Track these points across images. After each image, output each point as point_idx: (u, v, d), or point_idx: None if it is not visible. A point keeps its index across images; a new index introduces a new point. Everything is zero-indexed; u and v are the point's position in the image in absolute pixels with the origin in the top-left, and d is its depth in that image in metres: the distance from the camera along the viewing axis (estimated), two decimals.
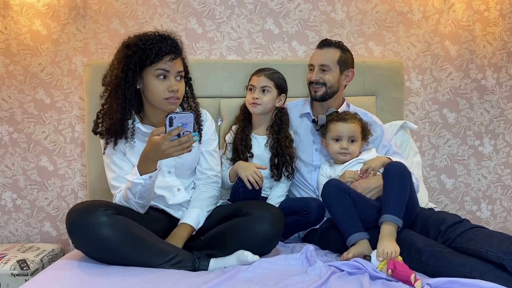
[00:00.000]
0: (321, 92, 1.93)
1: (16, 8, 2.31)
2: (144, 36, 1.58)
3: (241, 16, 2.41)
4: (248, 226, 1.56)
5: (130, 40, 1.59)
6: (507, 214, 2.60)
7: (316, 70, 1.93)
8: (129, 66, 1.56)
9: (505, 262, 1.37)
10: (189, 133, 1.45)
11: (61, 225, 2.42)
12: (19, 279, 1.98)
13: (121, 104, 1.58)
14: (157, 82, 1.57)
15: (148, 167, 1.52)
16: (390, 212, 1.56)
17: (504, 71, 2.54)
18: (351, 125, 1.83)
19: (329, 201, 1.67)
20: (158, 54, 1.55)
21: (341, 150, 1.83)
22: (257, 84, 1.91)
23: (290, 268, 1.47)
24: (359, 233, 1.59)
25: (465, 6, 2.48)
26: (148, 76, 1.58)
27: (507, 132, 2.56)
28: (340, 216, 1.64)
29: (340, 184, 1.68)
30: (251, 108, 1.92)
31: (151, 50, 1.55)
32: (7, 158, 2.38)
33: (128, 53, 1.56)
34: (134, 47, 1.56)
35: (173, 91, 1.58)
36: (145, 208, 1.65)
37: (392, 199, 1.60)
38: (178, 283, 1.33)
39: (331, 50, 1.93)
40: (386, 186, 1.63)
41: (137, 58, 1.55)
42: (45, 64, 2.35)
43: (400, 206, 1.59)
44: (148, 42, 1.55)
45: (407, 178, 1.64)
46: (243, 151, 1.89)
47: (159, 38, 1.58)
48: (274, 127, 1.93)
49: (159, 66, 1.56)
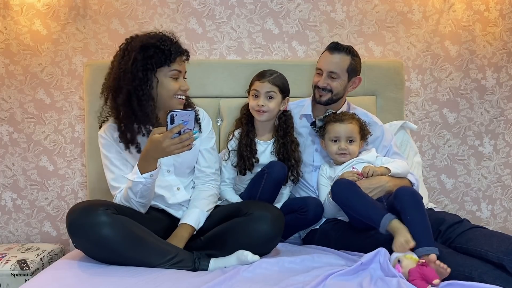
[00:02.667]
0: (326, 98, 1.91)
1: (16, 8, 2.31)
2: (159, 37, 1.60)
3: (241, 16, 2.41)
4: (248, 226, 1.57)
5: (145, 41, 1.58)
6: (507, 214, 2.60)
7: (325, 76, 1.88)
8: (147, 67, 1.56)
9: (505, 262, 1.37)
10: (189, 131, 1.46)
11: (61, 225, 2.42)
12: (19, 279, 1.98)
13: (146, 105, 1.57)
14: (171, 82, 1.61)
15: (149, 166, 1.52)
16: (425, 244, 1.47)
17: (504, 71, 2.54)
18: (349, 125, 1.83)
19: (344, 195, 1.66)
20: (175, 55, 1.59)
21: (339, 150, 1.82)
22: (262, 90, 1.85)
23: (291, 268, 1.47)
24: (389, 214, 1.55)
25: (465, 6, 2.48)
26: (162, 76, 1.60)
27: (507, 132, 2.56)
28: (361, 206, 1.61)
29: (348, 180, 1.69)
30: (257, 115, 1.86)
31: (169, 51, 1.58)
32: (7, 158, 2.38)
33: (147, 53, 1.56)
34: (153, 47, 1.57)
35: (185, 90, 1.65)
36: (146, 208, 1.65)
37: (421, 230, 1.50)
38: (178, 283, 1.33)
39: (341, 56, 1.88)
40: (408, 217, 1.54)
41: (156, 58, 1.57)
42: (45, 64, 2.35)
43: (430, 234, 1.51)
44: (165, 43, 1.58)
45: (422, 202, 1.58)
46: (249, 157, 1.85)
47: (171, 39, 1.62)
48: (279, 131, 1.90)
49: (175, 66, 1.61)
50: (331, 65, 1.88)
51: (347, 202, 1.66)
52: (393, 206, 1.61)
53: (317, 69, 1.94)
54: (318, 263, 1.50)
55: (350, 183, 1.67)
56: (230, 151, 1.90)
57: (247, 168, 1.85)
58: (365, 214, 1.61)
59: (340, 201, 1.68)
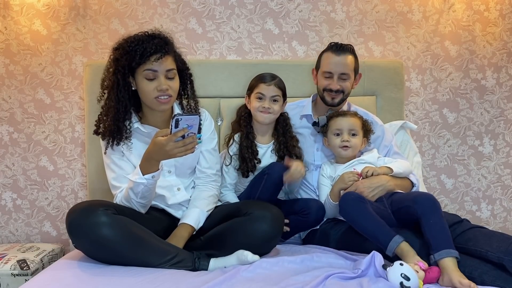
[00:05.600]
0: (339, 99, 1.92)
1: (16, 8, 2.31)
2: (130, 38, 1.61)
3: (241, 16, 2.41)
4: (248, 226, 1.57)
5: (118, 43, 1.62)
6: (507, 214, 2.60)
7: (336, 79, 1.89)
8: (119, 69, 1.58)
9: (505, 262, 1.37)
10: (193, 135, 1.46)
11: (61, 225, 2.42)
12: (19, 279, 1.98)
13: (115, 106, 1.60)
14: (146, 82, 1.59)
15: (151, 167, 1.52)
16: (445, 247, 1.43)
17: (504, 71, 2.54)
18: (351, 119, 1.85)
19: (351, 213, 1.61)
20: (143, 55, 1.56)
21: (342, 143, 1.82)
22: (268, 94, 1.86)
23: (291, 268, 1.47)
24: (397, 236, 1.50)
25: (465, 6, 2.48)
26: (138, 77, 1.60)
27: (507, 132, 2.56)
28: (368, 225, 1.56)
29: (357, 195, 1.63)
30: (261, 116, 1.86)
31: (136, 52, 1.56)
32: (7, 158, 2.38)
33: (116, 56, 1.60)
34: (121, 49, 1.59)
35: (162, 90, 1.59)
36: (146, 208, 1.65)
37: (441, 234, 1.48)
38: (178, 283, 1.33)
39: (348, 56, 1.89)
40: (430, 221, 1.50)
41: (124, 60, 1.57)
42: (45, 64, 2.35)
43: (450, 238, 1.48)
44: (133, 44, 1.57)
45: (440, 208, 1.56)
46: (251, 158, 1.85)
47: (145, 38, 1.59)
48: (278, 130, 1.92)
49: (146, 66, 1.58)
50: (342, 67, 1.88)
51: (354, 219, 1.61)
52: (410, 211, 1.57)
53: (325, 72, 1.90)
54: (318, 263, 1.50)
55: (358, 200, 1.61)
56: (232, 156, 1.89)
57: (249, 170, 1.85)
58: (371, 234, 1.56)
59: (347, 217, 1.65)
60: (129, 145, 1.66)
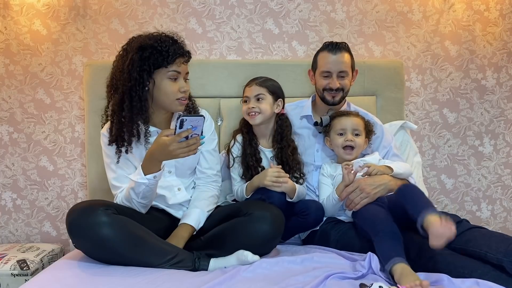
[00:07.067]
0: (339, 97, 1.93)
1: (16, 8, 2.31)
2: (157, 38, 1.59)
3: (241, 16, 2.41)
4: (248, 226, 1.57)
5: (143, 42, 1.58)
6: (507, 214, 2.60)
7: (335, 78, 1.90)
8: (144, 68, 1.56)
9: (504, 263, 1.37)
10: (197, 136, 1.46)
11: (61, 225, 2.42)
12: (19, 279, 1.98)
13: (137, 106, 1.58)
14: (170, 83, 1.60)
15: (153, 167, 1.52)
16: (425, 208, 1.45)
17: (504, 71, 2.53)
18: (354, 118, 1.85)
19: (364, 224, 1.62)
20: (174, 56, 1.58)
21: (345, 142, 1.82)
22: (251, 94, 1.86)
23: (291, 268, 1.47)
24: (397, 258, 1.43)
25: (465, 6, 2.48)
26: (160, 77, 1.59)
27: (507, 132, 2.56)
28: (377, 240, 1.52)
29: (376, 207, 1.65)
30: (250, 119, 1.86)
31: (167, 52, 1.57)
32: (7, 158, 2.38)
33: (144, 54, 1.56)
34: (150, 48, 1.56)
35: (184, 92, 1.62)
36: (147, 208, 1.66)
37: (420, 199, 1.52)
38: (178, 283, 1.33)
39: (344, 54, 1.90)
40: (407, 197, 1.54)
41: (153, 59, 1.56)
42: (45, 64, 2.35)
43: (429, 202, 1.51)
44: (163, 44, 1.57)
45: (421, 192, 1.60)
46: (255, 166, 1.83)
47: (172, 40, 1.61)
48: (276, 136, 1.90)
49: (174, 68, 1.59)
50: (339, 65, 1.90)
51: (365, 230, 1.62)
52: (398, 204, 1.60)
53: (324, 72, 1.91)
54: (318, 263, 1.50)
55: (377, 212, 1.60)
56: (235, 157, 1.88)
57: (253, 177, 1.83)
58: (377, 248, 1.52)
59: (359, 225, 1.67)
60: (146, 146, 1.65)
